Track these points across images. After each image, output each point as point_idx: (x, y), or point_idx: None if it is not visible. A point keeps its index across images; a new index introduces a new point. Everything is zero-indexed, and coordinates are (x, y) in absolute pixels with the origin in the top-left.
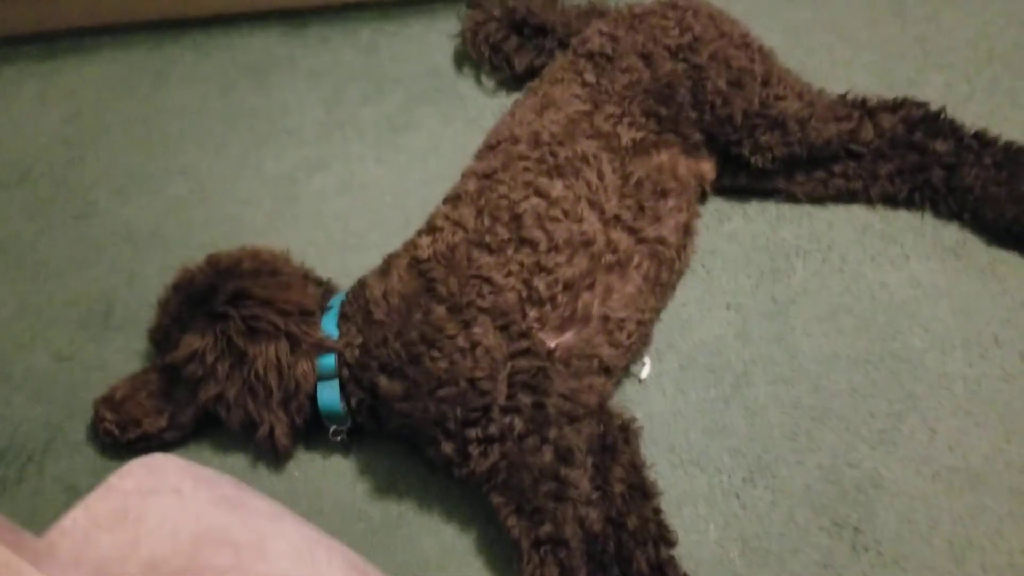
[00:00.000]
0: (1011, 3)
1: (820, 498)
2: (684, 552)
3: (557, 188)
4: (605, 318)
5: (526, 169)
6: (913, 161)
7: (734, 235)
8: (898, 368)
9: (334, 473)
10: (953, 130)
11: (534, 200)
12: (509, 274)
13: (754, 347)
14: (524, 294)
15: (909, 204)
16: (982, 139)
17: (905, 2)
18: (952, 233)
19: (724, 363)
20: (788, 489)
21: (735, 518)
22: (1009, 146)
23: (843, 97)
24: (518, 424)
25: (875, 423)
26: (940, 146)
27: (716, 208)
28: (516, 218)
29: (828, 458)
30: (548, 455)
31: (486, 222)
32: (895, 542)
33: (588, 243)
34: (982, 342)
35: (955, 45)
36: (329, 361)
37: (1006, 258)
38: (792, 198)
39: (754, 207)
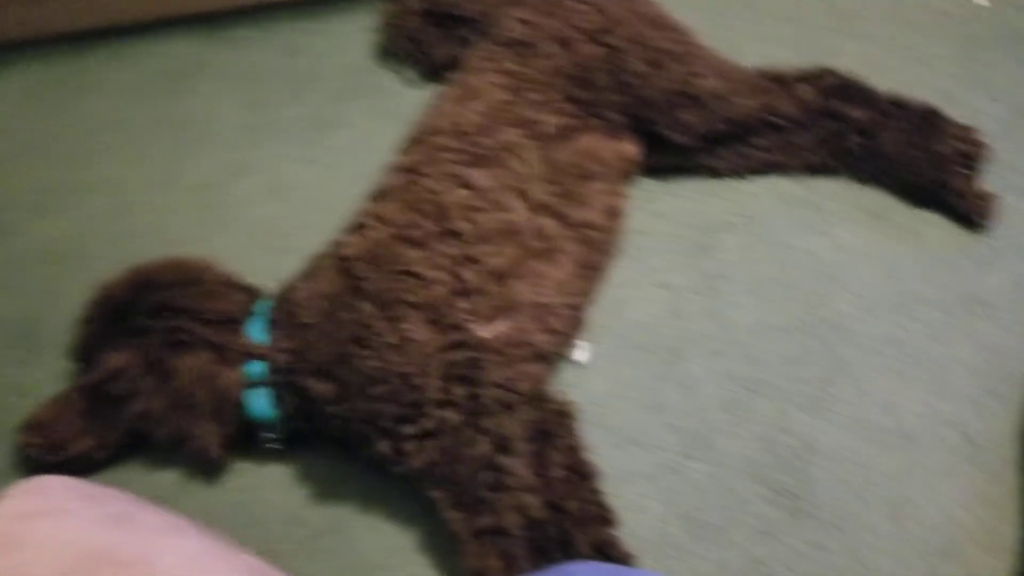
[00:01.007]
0: None
1: (758, 467)
2: (627, 531)
3: (482, 178)
4: (537, 305)
5: (450, 161)
6: (832, 129)
7: (662, 214)
8: (828, 333)
9: (271, 481)
10: (869, 97)
11: (459, 191)
12: (437, 267)
13: (687, 323)
14: (453, 286)
15: (830, 172)
16: (897, 103)
17: None
18: (873, 197)
19: (659, 341)
20: (726, 461)
21: (676, 493)
22: (924, 109)
23: (761, 71)
24: (453, 417)
25: (808, 389)
26: (857, 113)
27: (644, 188)
28: (442, 210)
29: (764, 427)
30: (485, 445)
31: (411, 216)
32: (833, 505)
33: (515, 231)
34: (908, 302)
35: (870, 14)
36: (257, 368)
37: (927, 218)
38: (717, 173)
39: (680, 185)
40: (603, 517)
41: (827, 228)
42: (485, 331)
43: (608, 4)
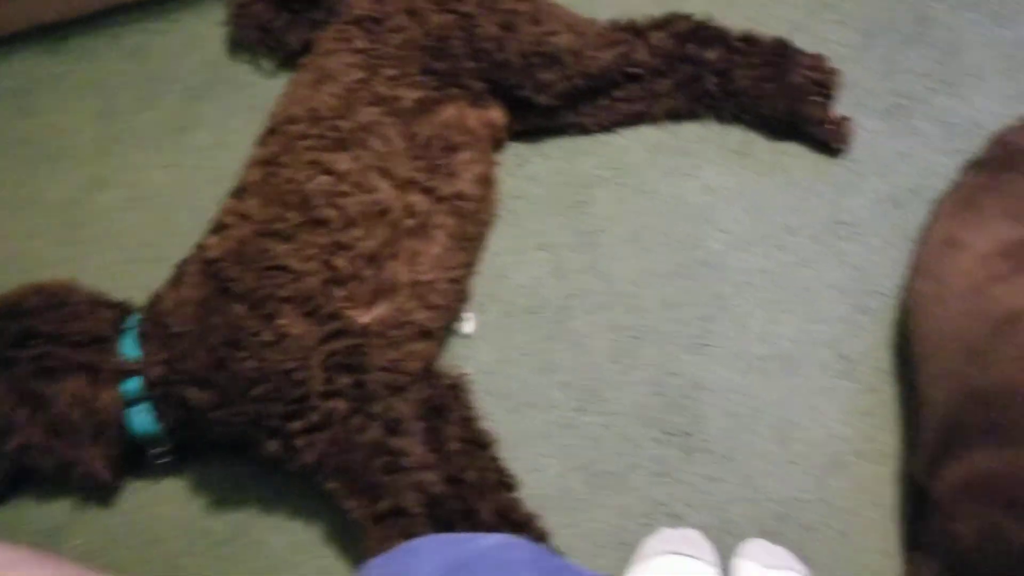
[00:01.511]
0: None
1: (649, 412)
2: (529, 492)
3: (343, 162)
4: (415, 283)
5: (309, 148)
6: (688, 73)
7: (535, 176)
8: (704, 274)
9: (167, 496)
10: (721, 36)
11: (321, 178)
12: (307, 258)
13: (570, 281)
14: (326, 275)
15: (692, 115)
16: (749, 40)
17: None
18: (736, 136)
19: (544, 302)
20: (618, 410)
21: (572, 448)
22: (775, 43)
23: (614, 22)
24: (341, 407)
25: (690, 330)
26: (711, 54)
27: (514, 153)
28: (305, 200)
29: (651, 373)
30: (376, 430)
31: (275, 210)
32: (723, 438)
33: (384, 212)
34: (777, 233)
35: None
36: (134, 384)
37: (788, 150)
38: (584, 130)
39: (549, 145)
40: (503, 483)
41: (694, 171)
42: (365, 316)
43: None
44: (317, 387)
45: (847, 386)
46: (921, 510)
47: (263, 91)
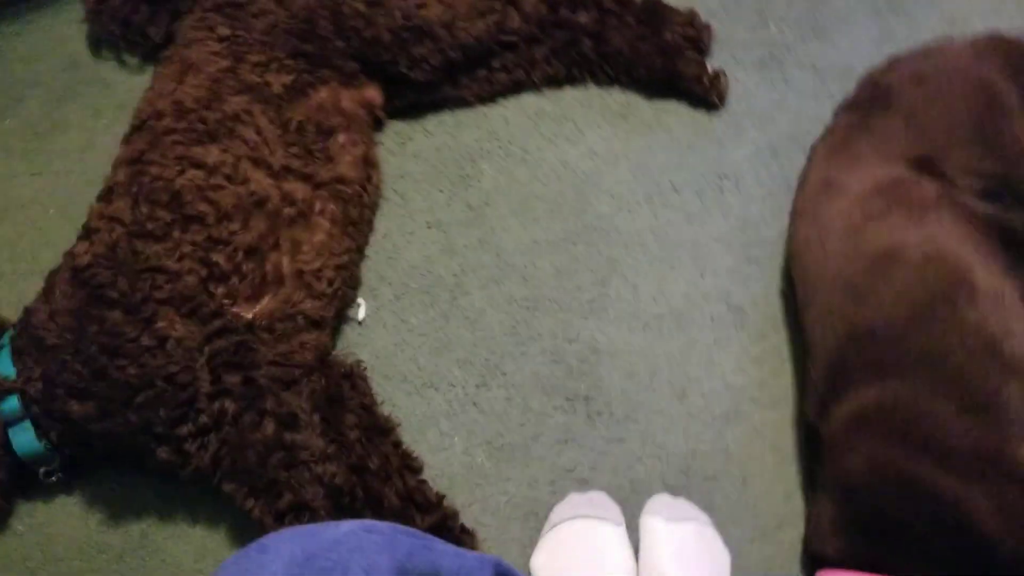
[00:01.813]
0: None
1: (549, 380)
2: (434, 472)
3: (213, 154)
4: (299, 273)
5: (176, 143)
6: (563, 38)
7: (418, 154)
8: (594, 238)
9: (62, 514)
10: (592, 0)
11: (191, 173)
12: (183, 257)
13: (461, 257)
14: (205, 273)
15: (571, 80)
16: (621, 2)
17: None
18: (616, 97)
19: (436, 281)
20: (518, 382)
21: (476, 424)
22: (647, 3)
23: None
24: (230, 406)
25: (584, 295)
26: (583, 17)
27: (395, 131)
28: (175, 196)
29: (549, 341)
30: (270, 427)
31: (145, 209)
32: (623, 399)
33: (261, 202)
34: (662, 192)
35: None
36: (12, 403)
37: (668, 108)
38: (464, 103)
39: (431, 121)
40: (407, 467)
41: (578, 136)
42: (249, 311)
43: None
44: (204, 388)
45: (740, 336)
46: (816, 451)
47: (130, 88)
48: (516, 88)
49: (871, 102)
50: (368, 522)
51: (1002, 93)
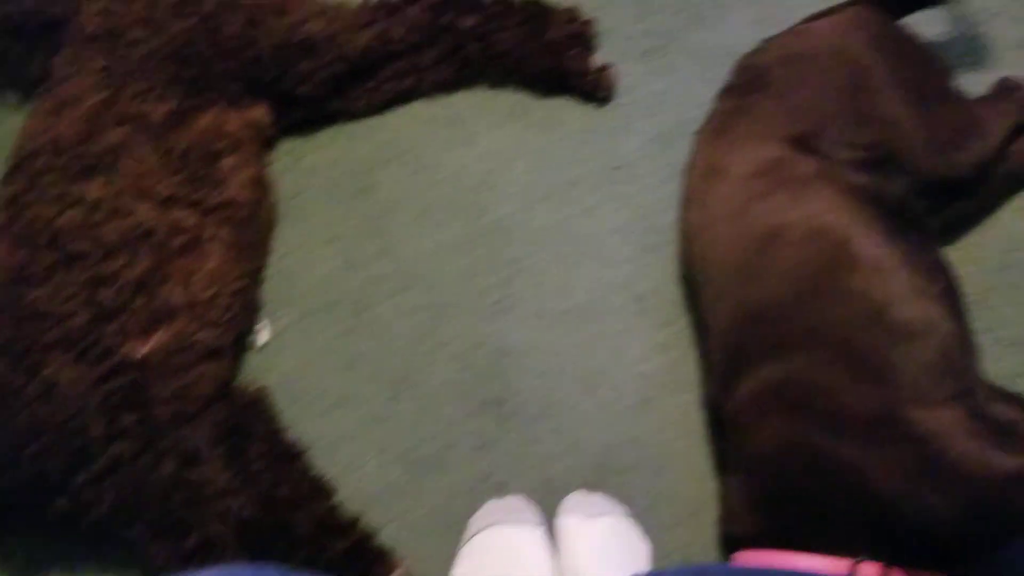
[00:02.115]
0: None
1: (460, 387)
2: (350, 493)
3: (94, 190)
4: (192, 304)
5: (54, 181)
6: (449, 43)
7: (313, 169)
8: (495, 240)
9: None
10: (475, 2)
11: (71, 211)
12: (67, 298)
13: (363, 270)
14: (91, 313)
15: (461, 84)
16: (503, 3)
17: None
18: (507, 98)
19: (340, 297)
20: (429, 392)
21: (389, 439)
22: (529, 2)
23: (366, 3)
24: (127, 448)
25: (489, 297)
26: (467, 21)
27: (287, 149)
28: (56, 236)
29: (457, 347)
30: (170, 465)
31: (25, 252)
32: (535, 399)
33: (148, 234)
34: (560, 188)
35: None
36: None
37: (559, 105)
38: (355, 115)
39: (324, 135)
40: (318, 492)
41: (472, 139)
42: (142, 348)
43: None
44: (98, 432)
45: (644, 324)
46: (724, 433)
47: (10, 128)
48: (407, 96)
49: (747, 85)
50: (223, 568)
51: (869, 66)
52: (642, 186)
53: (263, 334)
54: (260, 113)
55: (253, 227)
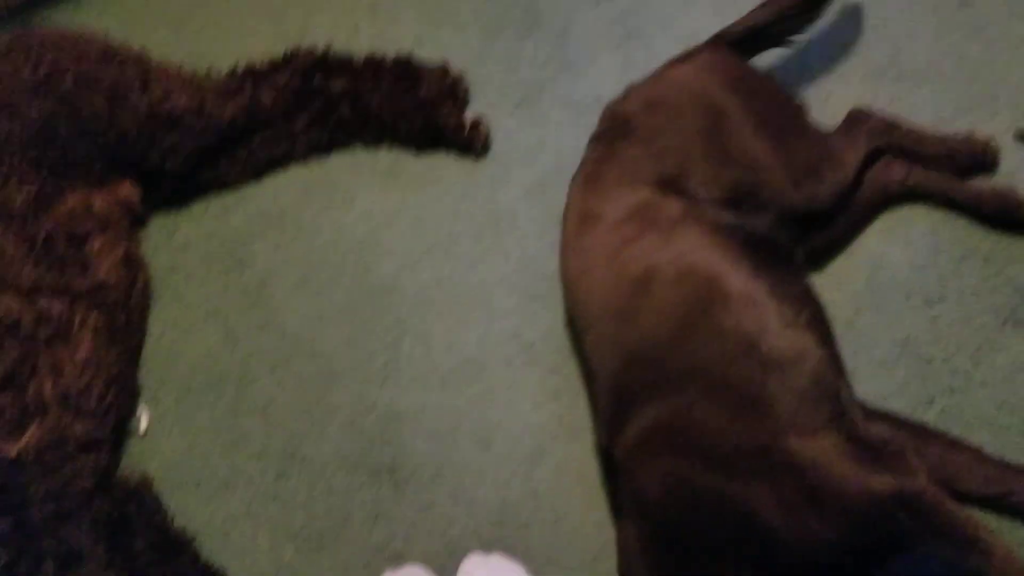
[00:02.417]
0: None
1: (352, 457)
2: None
3: None
4: (65, 395)
5: None
6: (321, 106)
7: (187, 244)
8: (380, 301)
9: None
10: (345, 64)
11: None
12: None
13: (244, 344)
14: None
15: (336, 146)
16: (373, 63)
17: None
18: (384, 157)
19: (221, 374)
20: (320, 465)
21: (280, 518)
22: (399, 61)
23: (232, 72)
24: (3, 555)
25: (376, 361)
26: (338, 84)
27: (160, 225)
28: None
29: (346, 415)
30: (49, 568)
31: None
32: (428, 461)
33: (13, 327)
34: (442, 243)
35: None
36: None
37: (436, 160)
38: (229, 185)
39: (197, 208)
40: None
41: (350, 201)
42: (13, 447)
43: (43, 52)
44: None
45: (534, 373)
46: (616, 477)
47: None
48: (281, 162)
49: (613, 132)
50: None
51: (726, 107)
52: (524, 235)
53: (144, 419)
54: (128, 191)
55: (126, 309)
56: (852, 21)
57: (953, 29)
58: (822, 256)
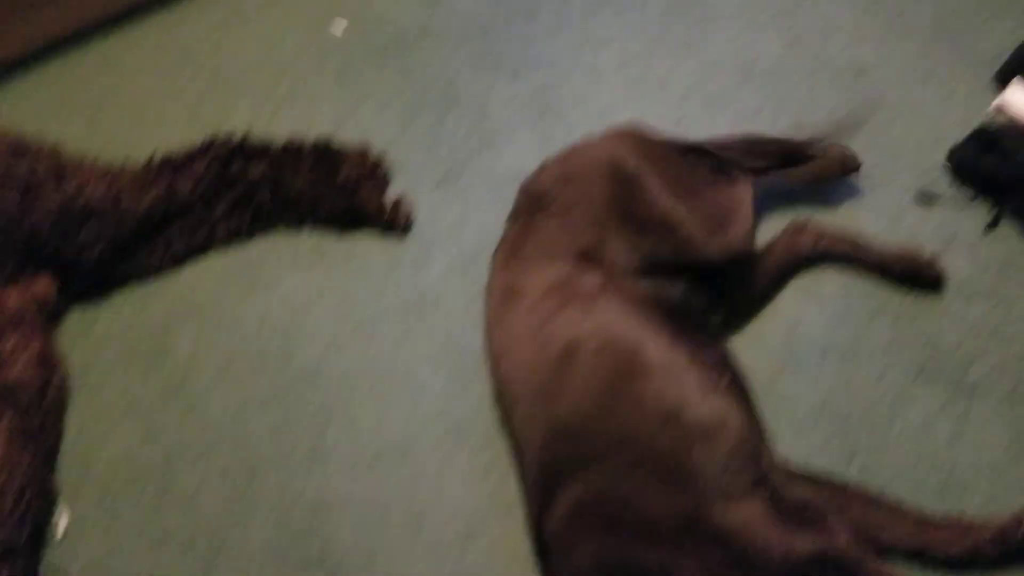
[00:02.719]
0: (289, 17)
1: (278, 549)
2: None
3: None
4: None
5: None
6: (240, 192)
7: (106, 337)
8: (303, 388)
9: None
10: (263, 150)
11: None
12: None
13: (165, 438)
14: None
15: (256, 232)
16: (292, 148)
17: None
18: (305, 240)
19: (142, 469)
20: (247, 559)
21: None
22: (318, 145)
23: (148, 163)
24: None
25: (301, 449)
26: (256, 170)
27: (77, 318)
28: None
29: (272, 506)
30: None
31: None
32: (358, 550)
33: None
34: (366, 324)
35: (248, 69)
36: None
37: (358, 241)
38: (148, 274)
39: (116, 299)
40: None
41: (272, 286)
42: None
43: None
44: None
45: (462, 454)
46: (546, 554)
47: None
48: (201, 249)
49: (530, 208)
50: None
51: (637, 176)
52: (448, 313)
53: (62, 523)
54: (43, 286)
55: (41, 409)
56: (756, 94)
57: (851, 98)
58: (739, 321)
